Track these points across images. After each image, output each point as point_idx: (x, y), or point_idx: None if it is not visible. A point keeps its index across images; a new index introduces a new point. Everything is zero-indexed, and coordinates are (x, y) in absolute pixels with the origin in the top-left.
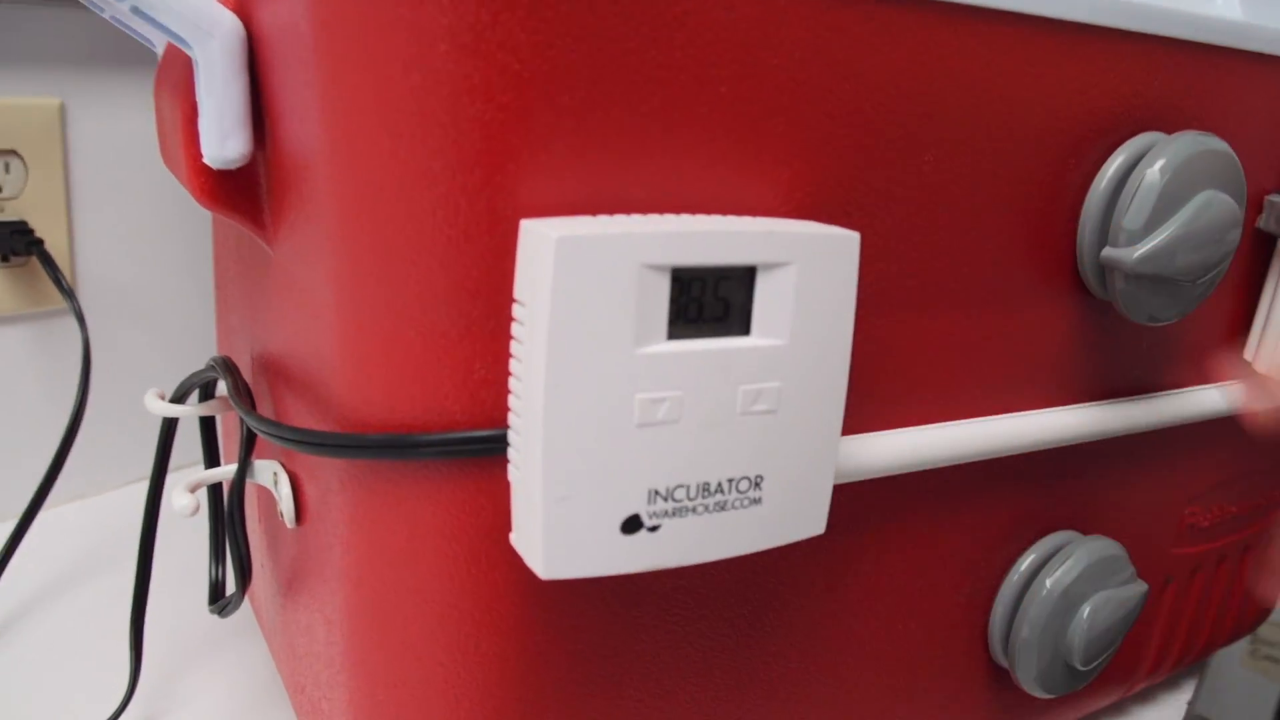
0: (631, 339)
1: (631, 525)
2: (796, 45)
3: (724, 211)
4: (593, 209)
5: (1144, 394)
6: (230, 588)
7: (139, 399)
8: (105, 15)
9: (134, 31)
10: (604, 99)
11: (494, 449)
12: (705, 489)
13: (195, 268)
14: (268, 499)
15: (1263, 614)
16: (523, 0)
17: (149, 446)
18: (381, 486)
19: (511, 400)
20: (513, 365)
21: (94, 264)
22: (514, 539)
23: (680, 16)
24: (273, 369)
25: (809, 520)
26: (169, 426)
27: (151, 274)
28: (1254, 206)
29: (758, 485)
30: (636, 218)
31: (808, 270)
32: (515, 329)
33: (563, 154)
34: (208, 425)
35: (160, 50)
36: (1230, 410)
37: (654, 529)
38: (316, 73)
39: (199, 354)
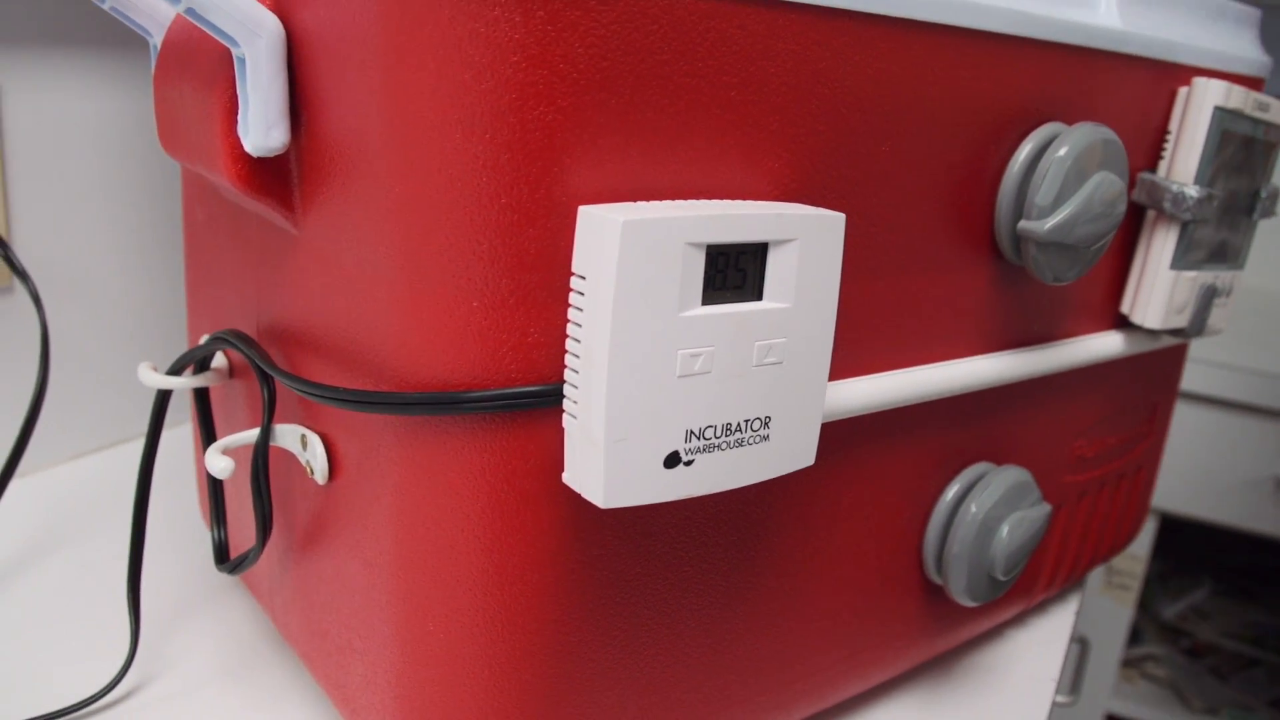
0: (676, 304)
1: (672, 460)
2: (790, 56)
3: (731, 195)
4: (630, 196)
5: (1044, 343)
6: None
7: (81, 375)
8: (104, 6)
9: (130, 20)
10: (642, 102)
11: (545, 402)
12: (728, 428)
13: (136, 247)
14: (278, 463)
15: (1133, 532)
16: (583, 19)
17: (92, 420)
18: (436, 439)
19: (570, 359)
20: (571, 329)
21: (32, 246)
22: (567, 478)
23: (703, 34)
24: (292, 338)
25: (804, 453)
26: (163, 398)
27: (91, 254)
28: (1130, 183)
29: (766, 424)
30: (675, 203)
31: (807, 245)
32: (575, 299)
33: (609, 149)
34: (202, 396)
35: (157, 41)
36: (1112, 355)
37: (689, 463)
38: (386, 75)
39: (143, 328)
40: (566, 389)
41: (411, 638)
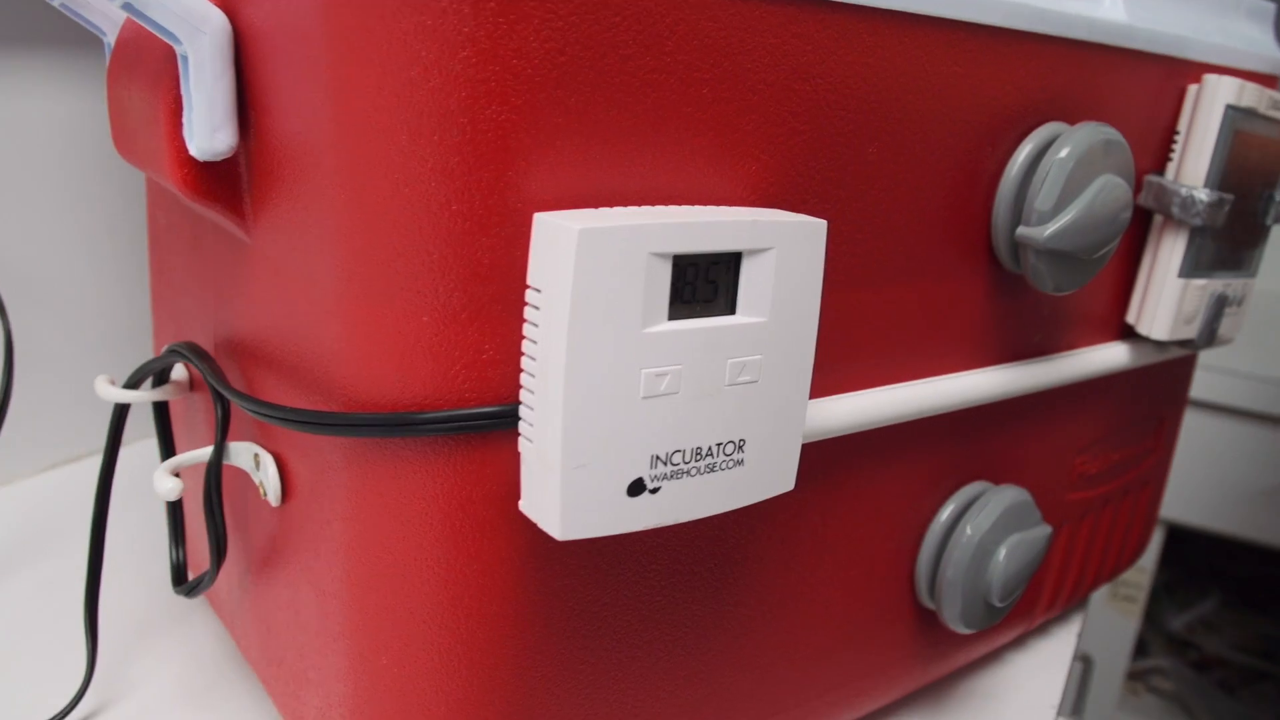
0: (639, 320)
1: (636, 488)
2: (766, 50)
3: (703, 201)
4: (592, 201)
5: (1045, 356)
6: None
7: (49, 385)
8: (55, 4)
9: (83, 19)
10: (604, 101)
11: (501, 424)
12: (698, 453)
13: (105, 254)
14: (232, 480)
15: (1139, 550)
16: (538, 11)
17: (61, 431)
18: (387, 462)
19: (525, 379)
20: (527, 346)
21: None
22: (524, 506)
23: (671, 25)
24: (247, 352)
25: (782, 478)
26: (120, 412)
27: (59, 261)
28: (1136, 186)
29: (741, 448)
30: (639, 210)
31: (784, 254)
32: (530, 313)
33: (568, 151)
34: (161, 410)
35: (111, 40)
36: (1117, 368)
37: (655, 490)
38: (332, 73)
39: (113, 335)
40: (522, 410)
41: (365, 671)
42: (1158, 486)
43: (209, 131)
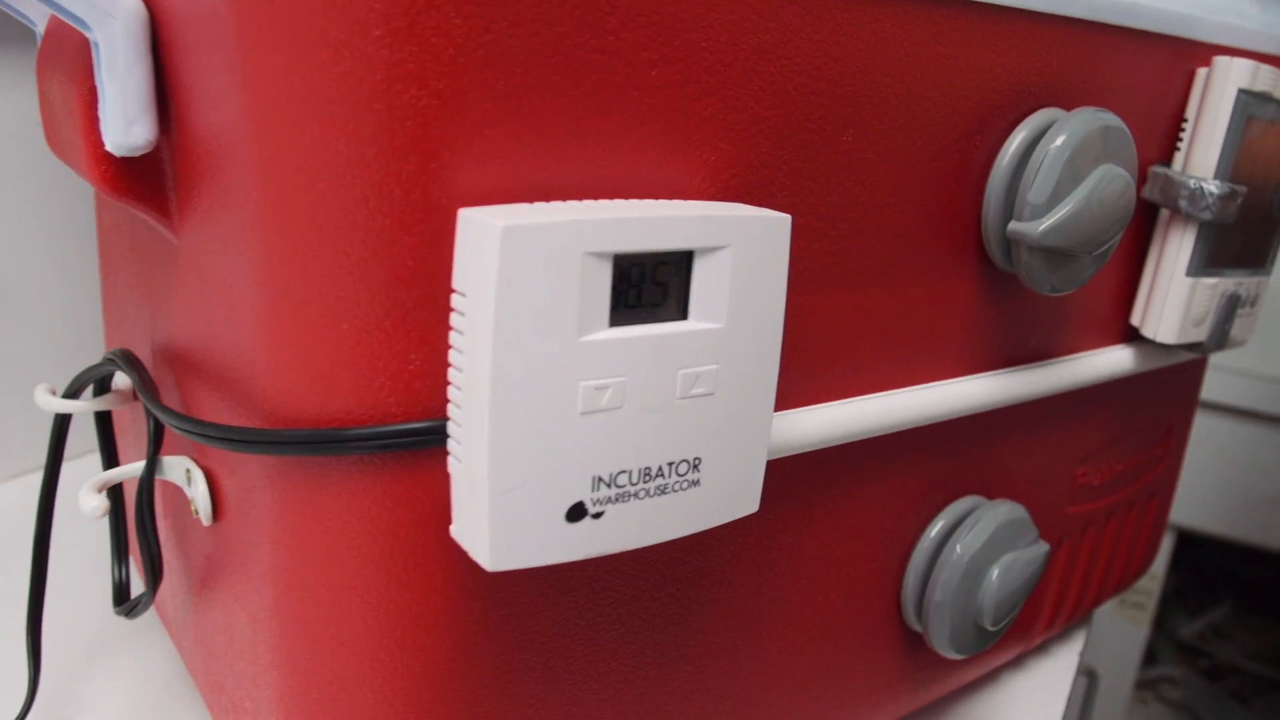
0: (575, 327)
1: (576, 513)
2: (724, 28)
3: (655, 195)
4: (528, 195)
5: (1041, 361)
6: (135, 588)
7: (3, 394)
8: None
9: (13, 9)
10: (538, 84)
11: (430, 441)
12: (647, 473)
13: (66, 256)
14: (175, 495)
15: (1146, 564)
16: None
17: (12, 443)
18: (311, 482)
19: (452, 392)
20: (453, 356)
21: None
22: (455, 531)
23: (613, 0)
24: (179, 362)
25: (744, 499)
26: (62, 422)
27: (16, 263)
28: (1140, 177)
29: (696, 467)
30: (576, 204)
31: (742, 253)
32: (455, 319)
33: (498, 140)
34: (104, 421)
35: (41, 30)
36: (1120, 373)
37: (598, 515)
38: (239, 58)
39: (72, 344)
40: (450, 427)
41: (295, 705)
42: (1165, 497)
43: (124, 124)
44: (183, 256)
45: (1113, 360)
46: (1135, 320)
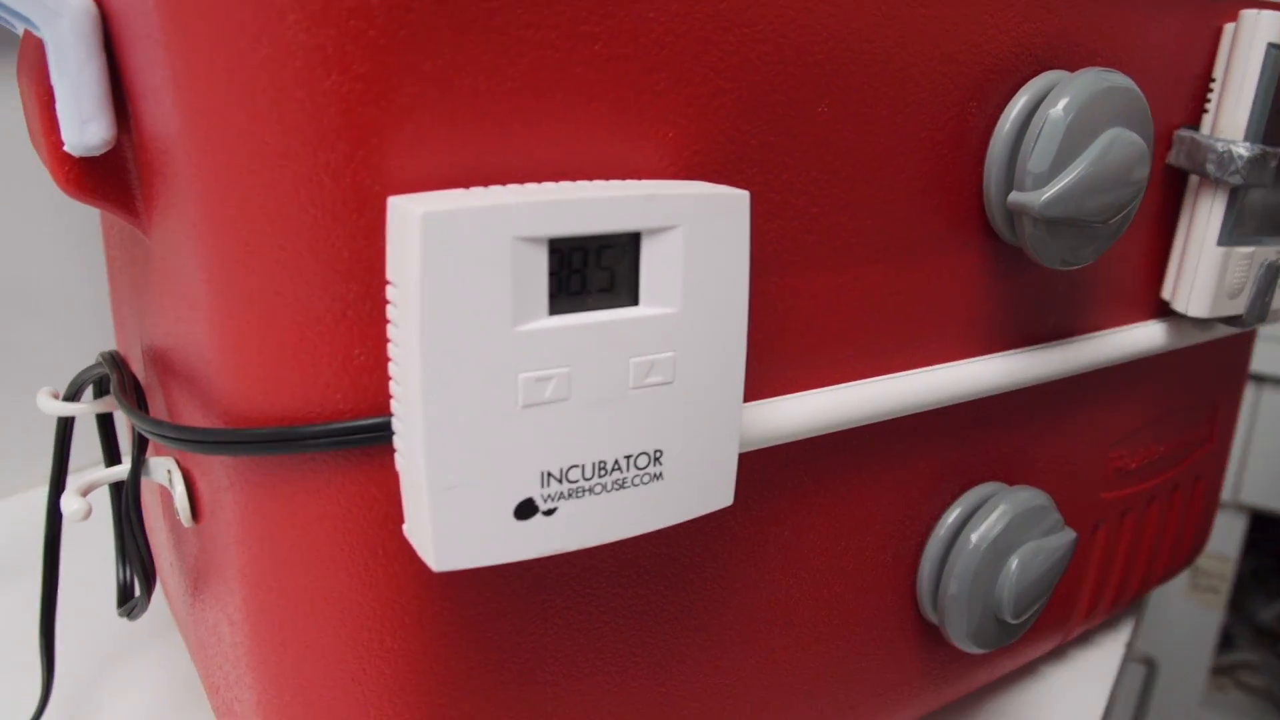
0: (510, 316)
1: (526, 510)
2: None
3: (607, 176)
4: (466, 181)
5: (1062, 339)
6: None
7: (22, 401)
8: None
9: None
10: (469, 64)
11: (380, 438)
12: (602, 468)
13: (80, 260)
14: (169, 496)
15: (1195, 551)
16: None
17: (35, 450)
18: (270, 482)
19: (392, 386)
20: (390, 350)
21: None
22: (407, 530)
23: None
24: (159, 363)
25: (715, 492)
26: (65, 426)
27: (30, 268)
28: (1164, 142)
29: (657, 460)
30: (509, 188)
31: (695, 233)
32: (390, 312)
33: (429, 125)
34: (105, 422)
35: (20, 33)
36: (1151, 350)
37: (550, 512)
38: (165, 49)
39: (92, 349)
40: (394, 423)
41: (271, 708)
42: (1214, 480)
43: (78, 124)
44: (153, 256)
45: (1141, 337)
46: (1166, 294)
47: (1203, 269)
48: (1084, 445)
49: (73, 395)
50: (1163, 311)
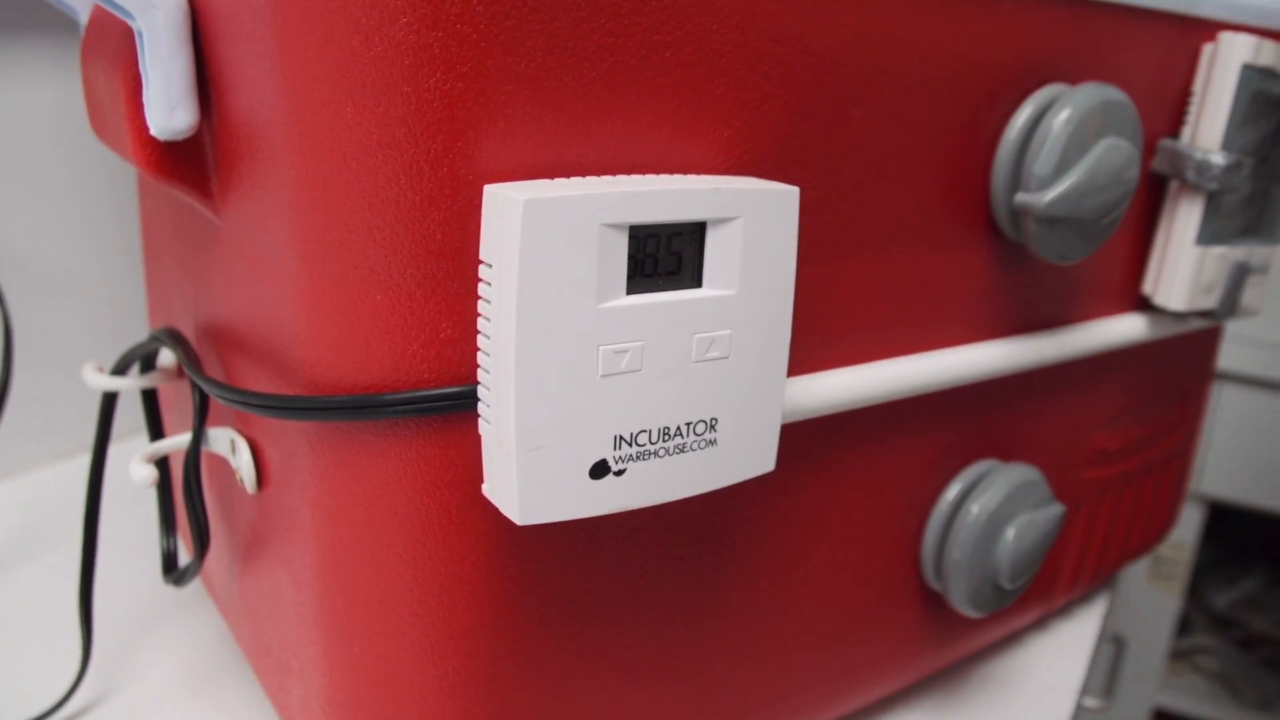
0: (594, 294)
1: (599, 470)
2: (734, 10)
3: (671, 170)
4: (549, 172)
5: (1054, 328)
6: (183, 558)
7: (56, 375)
8: None
9: (58, 2)
10: (557, 66)
11: (462, 405)
12: (666, 433)
13: (110, 239)
14: (219, 467)
15: (1166, 527)
16: None
17: (67, 422)
18: (351, 447)
19: (481, 357)
20: (481, 324)
21: (2, 238)
22: (486, 489)
23: None
24: (223, 337)
25: (760, 458)
26: (109, 400)
27: (63, 247)
28: (1149, 151)
29: (713, 427)
30: (594, 179)
31: (753, 224)
32: (483, 289)
33: (520, 120)
34: (150, 397)
35: (84, 20)
36: (1133, 340)
37: (620, 473)
38: (275, 45)
39: (117, 325)
40: (480, 391)
41: (340, 660)
42: (1183, 463)
43: (166, 110)
44: (224, 236)
45: (1125, 328)
46: (1147, 289)
47: (1181, 266)
48: (1071, 427)
49: (120, 370)
50: (1144, 305)
